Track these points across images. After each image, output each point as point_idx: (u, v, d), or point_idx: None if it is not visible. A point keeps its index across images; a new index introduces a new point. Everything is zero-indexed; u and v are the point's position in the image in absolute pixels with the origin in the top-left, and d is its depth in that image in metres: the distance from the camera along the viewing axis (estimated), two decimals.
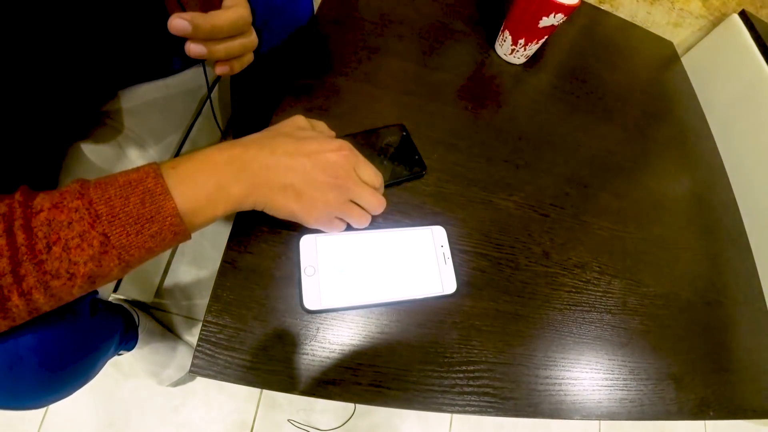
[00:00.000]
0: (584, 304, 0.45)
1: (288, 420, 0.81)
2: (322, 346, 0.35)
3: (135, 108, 0.54)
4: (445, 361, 0.38)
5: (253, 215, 0.34)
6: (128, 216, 0.26)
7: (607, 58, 0.72)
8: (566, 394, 0.40)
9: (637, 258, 0.51)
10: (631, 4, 0.85)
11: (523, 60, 0.62)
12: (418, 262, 0.40)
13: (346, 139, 0.45)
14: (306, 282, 0.36)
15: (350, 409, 0.84)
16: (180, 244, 0.30)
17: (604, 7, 0.84)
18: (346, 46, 0.54)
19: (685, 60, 0.82)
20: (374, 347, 0.36)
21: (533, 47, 0.59)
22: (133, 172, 0.27)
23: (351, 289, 0.37)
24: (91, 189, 0.26)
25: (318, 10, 0.55)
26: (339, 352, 0.35)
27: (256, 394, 0.82)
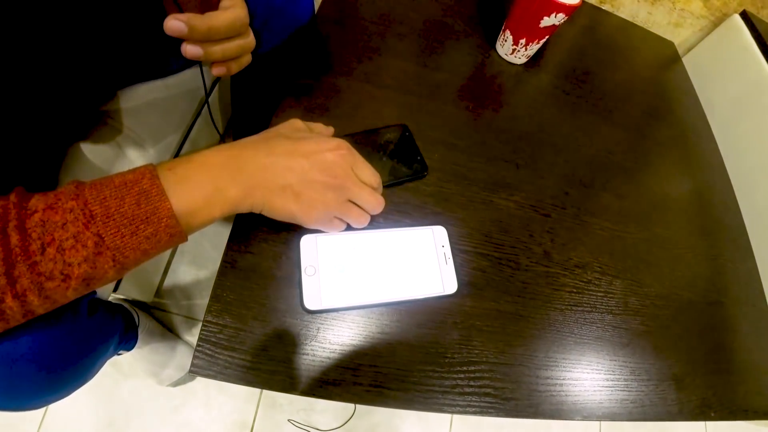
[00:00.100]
0: (585, 305, 0.45)
1: (288, 420, 0.81)
2: (323, 346, 0.35)
3: (134, 108, 0.54)
4: (446, 361, 0.38)
5: (254, 215, 0.34)
6: (123, 217, 0.25)
7: (608, 58, 0.72)
8: (567, 395, 0.40)
9: (638, 258, 0.50)
10: (632, 4, 0.85)
11: (524, 60, 0.62)
12: (419, 262, 0.39)
13: (348, 138, 0.45)
14: (306, 282, 0.36)
15: (350, 409, 0.84)
16: (180, 244, 0.30)
17: (605, 8, 0.84)
18: (347, 46, 0.54)
19: (686, 60, 0.82)
20: (375, 347, 0.36)
21: (534, 47, 0.59)
22: (129, 173, 0.27)
23: (352, 289, 0.37)
24: (86, 190, 0.25)
25: (318, 10, 0.55)
26: (339, 353, 0.35)
27: (256, 394, 0.82)
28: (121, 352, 0.69)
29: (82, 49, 0.41)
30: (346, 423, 0.82)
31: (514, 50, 0.60)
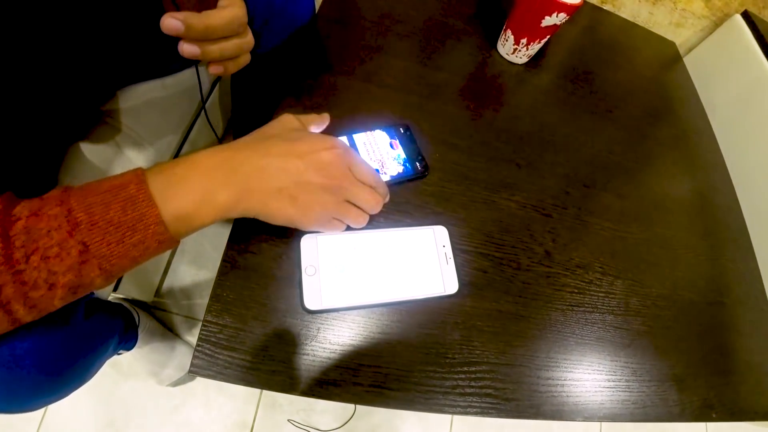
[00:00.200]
0: (586, 305, 0.45)
1: (288, 420, 0.81)
2: (323, 347, 0.35)
3: (134, 107, 0.54)
4: (447, 361, 0.37)
5: None
6: (109, 224, 0.24)
7: (610, 58, 0.72)
8: (568, 396, 0.40)
9: (640, 258, 0.50)
10: (633, 4, 0.85)
11: (525, 60, 0.62)
12: (419, 262, 0.39)
13: (348, 137, 0.45)
14: (307, 282, 0.36)
15: (351, 409, 0.84)
16: (180, 244, 0.30)
17: (606, 8, 0.84)
18: (347, 46, 0.54)
19: (687, 60, 0.82)
20: (375, 348, 0.36)
21: (535, 47, 0.59)
22: (117, 178, 0.26)
23: (352, 289, 0.36)
24: (72, 196, 0.24)
25: (319, 10, 0.55)
26: (340, 353, 0.35)
27: (256, 394, 0.82)
28: (121, 351, 0.69)
29: (81, 48, 0.41)
30: (346, 423, 0.82)
31: (515, 50, 0.59)
